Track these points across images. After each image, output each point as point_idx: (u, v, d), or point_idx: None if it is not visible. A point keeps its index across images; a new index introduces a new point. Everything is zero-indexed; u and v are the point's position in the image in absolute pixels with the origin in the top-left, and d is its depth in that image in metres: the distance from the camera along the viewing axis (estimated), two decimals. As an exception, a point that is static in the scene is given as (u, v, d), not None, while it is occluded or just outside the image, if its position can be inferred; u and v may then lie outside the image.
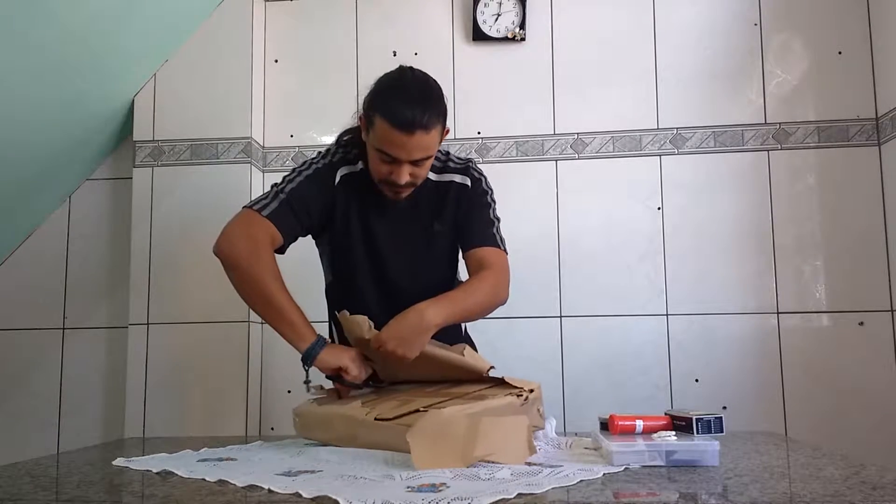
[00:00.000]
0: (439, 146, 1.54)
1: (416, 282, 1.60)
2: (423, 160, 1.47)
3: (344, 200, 1.59)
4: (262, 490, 0.93)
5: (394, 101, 1.43)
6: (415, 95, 1.44)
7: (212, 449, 1.30)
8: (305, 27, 2.57)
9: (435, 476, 0.97)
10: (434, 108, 1.45)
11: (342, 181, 1.59)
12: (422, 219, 1.60)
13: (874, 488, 0.88)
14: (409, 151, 1.43)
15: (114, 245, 2.57)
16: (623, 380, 2.33)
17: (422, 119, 1.41)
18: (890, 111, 2.24)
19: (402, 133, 1.40)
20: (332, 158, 1.61)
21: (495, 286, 1.53)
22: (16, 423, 2.53)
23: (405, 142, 1.41)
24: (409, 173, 1.47)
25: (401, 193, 1.52)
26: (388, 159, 1.45)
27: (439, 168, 1.62)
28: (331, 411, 1.33)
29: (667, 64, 2.42)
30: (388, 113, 1.42)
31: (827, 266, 2.31)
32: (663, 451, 1.06)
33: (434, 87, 1.50)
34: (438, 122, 1.46)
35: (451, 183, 1.61)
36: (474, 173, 1.64)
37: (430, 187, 1.60)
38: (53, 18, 1.94)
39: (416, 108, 1.41)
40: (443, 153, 1.64)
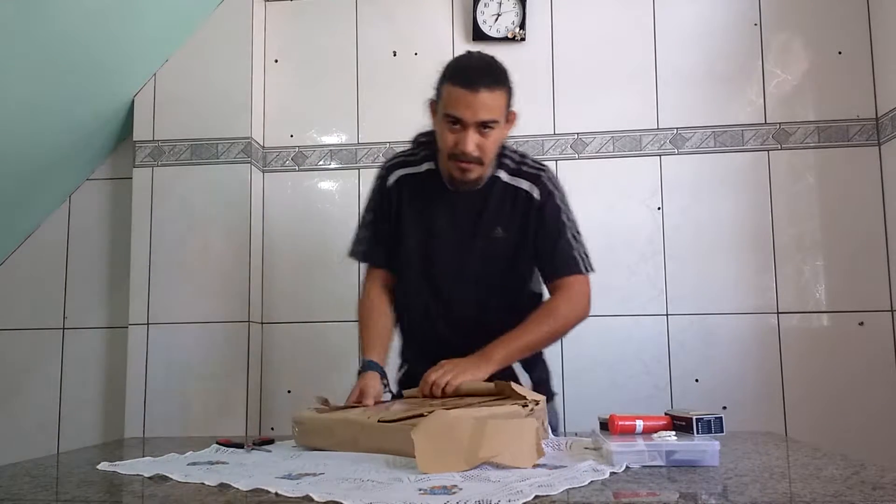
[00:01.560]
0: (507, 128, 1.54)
1: (470, 288, 1.59)
2: (489, 125, 1.46)
3: (398, 201, 1.63)
4: (269, 493, 0.90)
5: (460, 66, 1.51)
6: (479, 63, 1.50)
7: (197, 452, 1.27)
8: (305, 27, 2.57)
9: (444, 478, 0.96)
10: (499, 74, 1.49)
11: (397, 182, 1.64)
12: (483, 222, 1.58)
13: (874, 488, 0.88)
14: (474, 110, 1.44)
15: (114, 245, 2.57)
16: (623, 380, 2.33)
17: (486, 78, 1.45)
18: (890, 111, 2.24)
19: (468, 90, 1.44)
20: (390, 164, 1.68)
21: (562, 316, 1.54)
22: (16, 423, 2.53)
23: (470, 100, 1.44)
24: (475, 143, 1.46)
25: (468, 171, 1.51)
26: (455, 122, 1.47)
27: (513, 170, 1.59)
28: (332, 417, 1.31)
29: (667, 64, 2.42)
30: (454, 75, 1.47)
31: (827, 266, 2.31)
32: (663, 451, 1.06)
33: (499, 63, 1.53)
34: (503, 87, 1.48)
35: (518, 190, 1.58)
36: (547, 185, 1.58)
37: (499, 188, 1.58)
38: (53, 18, 1.94)
39: (481, 69, 1.47)
40: (519, 155, 1.62)
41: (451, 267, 1.59)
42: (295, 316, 2.49)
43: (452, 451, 1.03)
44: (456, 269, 1.59)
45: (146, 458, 1.23)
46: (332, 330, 2.45)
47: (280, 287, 2.50)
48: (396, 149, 2.47)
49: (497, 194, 1.58)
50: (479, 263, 1.58)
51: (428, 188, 1.60)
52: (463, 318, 1.59)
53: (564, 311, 1.55)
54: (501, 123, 1.50)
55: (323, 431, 1.30)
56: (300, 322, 2.48)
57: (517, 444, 1.05)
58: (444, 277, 1.60)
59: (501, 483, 0.92)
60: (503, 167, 1.59)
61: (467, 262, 1.58)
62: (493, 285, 1.59)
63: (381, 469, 1.05)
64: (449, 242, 1.59)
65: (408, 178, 1.64)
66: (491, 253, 1.58)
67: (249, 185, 2.44)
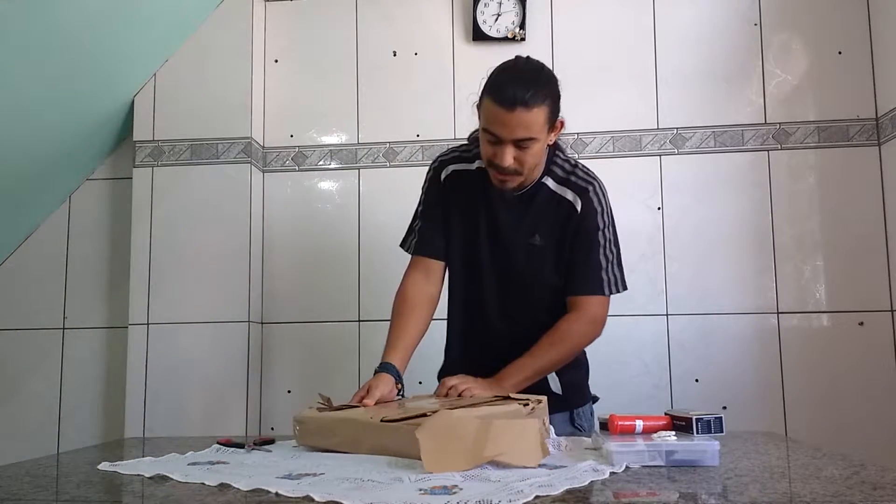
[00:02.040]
0: (551, 137, 1.51)
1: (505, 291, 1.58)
2: (527, 142, 1.44)
3: (449, 197, 1.63)
4: (269, 493, 0.90)
5: (499, 80, 1.45)
6: (520, 75, 1.46)
7: (198, 452, 1.27)
8: (305, 27, 2.57)
9: (444, 478, 0.96)
10: (539, 89, 1.43)
11: (449, 177, 1.64)
12: (522, 228, 1.56)
13: (874, 488, 0.88)
14: (510, 129, 1.42)
15: (114, 245, 2.57)
16: (623, 380, 2.33)
17: (523, 96, 1.40)
18: (890, 111, 2.24)
19: (503, 109, 1.41)
20: (444, 158, 1.67)
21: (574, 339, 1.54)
22: (16, 423, 2.53)
23: (506, 118, 1.41)
24: (513, 157, 1.45)
25: (506, 182, 1.50)
26: (493, 139, 1.45)
27: (561, 178, 1.56)
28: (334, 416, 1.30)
29: (667, 64, 2.42)
30: (493, 90, 1.44)
31: (827, 266, 2.31)
32: (663, 451, 1.06)
33: (545, 73, 1.49)
34: (543, 103, 1.43)
35: (562, 199, 1.55)
36: (592, 199, 1.55)
37: (543, 195, 1.56)
38: (54, 18, 1.94)
39: (519, 85, 1.42)
40: (571, 164, 1.59)
41: (488, 268, 1.59)
42: (295, 316, 2.49)
43: (457, 451, 1.02)
44: (492, 270, 1.58)
45: (147, 458, 1.23)
46: (332, 330, 2.45)
47: (280, 287, 2.50)
48: (396, 149, 2.49)
49: (540, 201, 1.56)
50: (515, 267, 1.57)
51: (476, 186, 1.60)
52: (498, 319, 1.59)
53: (577, 334, 1.54)
54: (542, 138, 1.47)
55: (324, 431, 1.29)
56: (300, 322, 2.48)
57: (521, 443, 1.05)
58: (483, 278, 1.60)
59: (502, 483, 0.92)
60: (551, 174, 1.56)
61: (504, 265, 1.57)
62: (530, 291, 1.58)
63: (381, 469, 1.04)
64: (487, 244, 1.58)
65: (460, 173, 1.63)
66: (529, 259, 1.56)
67: (249, 185, 2.44)
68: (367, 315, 2.45)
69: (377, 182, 2.49)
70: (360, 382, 2.43)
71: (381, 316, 2.44)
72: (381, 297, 2.45)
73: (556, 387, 1.58)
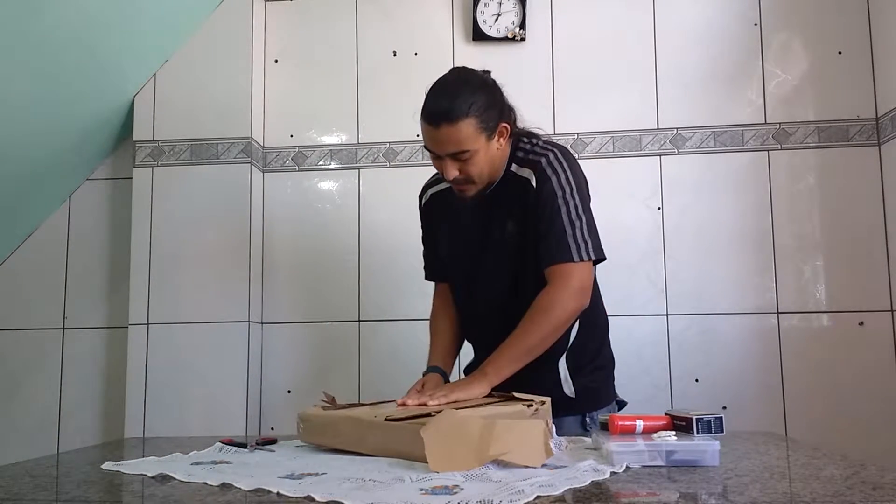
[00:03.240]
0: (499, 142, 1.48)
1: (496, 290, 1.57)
2: (464, 154, 1.43)
3: (432, 217, 1.70)
4: (271, 493, 0.91)
5: (427, 97, 1.45)
6: (444, 89, 1.44)
7: (201, 452, 1.27)
8: (305, 27, 2.57)
9: (446, 478, 0.96)
10: (462, 101, 1.40)
11: (429, 201, 1.70)
12: (495, 221, 1.54)
13: (874, 488, 0.88)
14: (441, 144, 1.43)
15: (114, 245, 2.57)
16: (623, 380, 2.32)
17: (446, 111, 1.39)
18: (890, 111, 2.24)
19: (430, 126, 1.43)
20: (427, 183, 1.72)
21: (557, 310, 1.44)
22: (16, 423, 2.53)
23: (434, 135, 1.43)
24: (456, 169, 1.45)
25: (464, 192, 1.52)
26: (433, 155, 1.48)
27: (520, 159, 1.53)
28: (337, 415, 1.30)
29: (667, 64, 2.42)
30: (423, 107, 1.45)
31: (827, 266, 2.31)
32: (663, 451, 1.06)
33: (472, 83, 1.45)
34: (468, 115, 1.40)
35: (522, 179, 1.52)
36: (545, 169, 1.49)
37: (510, 181, 1.53)
38: (54, 19, 1.94)
39: (443, 100, 1.41)
40: (531, 142, 1.54)
41: (477, 271, 1.59)
42: (295, 316, 2.49)
43: (462, 450, 1.03)
44: (480, 272, 1.59)
45: (150, 457, 1.24)
46: (332, 330, 2.45)
47: (280, 287, 2.50)
48: (396, 149, 2.49)
49: (506, 189, 1.54)
50: (500, 263, 1.55)
51: (453, 201, 1.60)
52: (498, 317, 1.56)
53: (555, 304, 1.44)
54: (480, 146, 1.43)
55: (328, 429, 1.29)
56: (300, 322, 2.48)
57: (526, 443, 1.05)
58: (473, 283, 1.61)
59: (503, 483, 0.92)
60: (514, 159, 1.54)
61: (489, 264, 1.57)
62: (520, 282, 1.54)
63: (383, 469, 1.04)
64: (471, 249, 1.59)
65: (437, 195, 1.68)
66: (506, 251, 1.54)
67: (249, 185, 2.44)
68: (367, 315, 2.45)
69: (377, 182, 2.49)
70: (360, 382, 2.44)
71: (381, 316, 2.45)
72: (381, 297, 2.47)
73: (570, 390, 1.55)
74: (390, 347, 2.41)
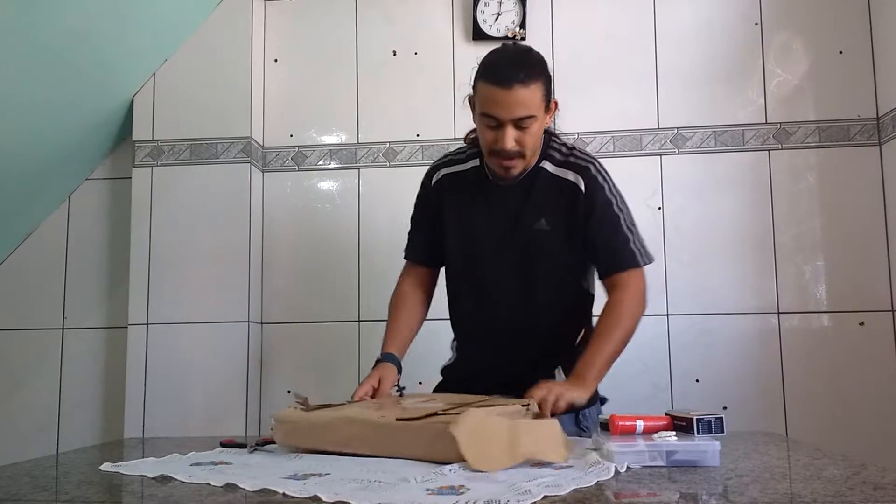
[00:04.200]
0: (548, 118, 1.51)
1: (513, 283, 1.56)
2: (527, 121, 1.44)
3: (440, 200, 1.64)
4: (276, 494, 0.90)
5: (493, 62, 1.47)
6: (512, 56, 1.47)
7: (200, 453, 1.26)
8: (305, 27, 2.57)
9: (451, 478, 0.96)
10: (534, 67, 1.45)
11: (439, 181, 1.66)
12: (525, 214, 1.54)
13: (875, 488, 0.88)
14: (509, 108, 1.42)
15: (114, 245, 2.56)
16: (623, 380, 2.32)
17: (519, 73, 1.41)
18: (891, 111, 2.24)
19: (501, 88, 1.41)
20: (437, 164, 1.69)
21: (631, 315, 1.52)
22: (16, 423, 2.53)
23: (504, 97, 1.41)
24: (514, 139, 1.44)
25: (511, 168, 1.49)
26: (493, 123, 1.45)
27: (560, 161, 1.56)
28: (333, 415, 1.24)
29: (667, 64, 2.42)
30: (487, 72, 1.45)
31: (827, 266, 2.30)
32: (664, 451, 1.06)
33: (535, 54, 1.50)
34: (539, 80, 1.44)
35: (564, 181, 1.54)
36: (596, 176, 1.54)
37: (543, 179, 1.54)
38: (53, 18, 1.94)
39: (513, 64, 1.44)
40: (567, 147, 1.59)
41: (493, 261, 1.57)
42: (295, 316, 2.49)
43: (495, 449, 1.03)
44: (497, 263, 1.57)
45: (149, 458, 1.23)
46: (332, 330, 2.45)
47: (280, 287, 2.50)
48: (396, 149, 2.49)
49: (541, 186, 1.54)
50: (521, 257, 1.55)
51: (470, 184, 1.60)
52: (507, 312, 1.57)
53: (632, 309, 1.52)
54: (540, 116, 1.47)
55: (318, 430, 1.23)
56: (300, 322, 2.48)
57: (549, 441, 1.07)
58: (487, 273, 1.58)
59: (508, 483, 0.92)
60: (549, 158, 1.56)
61: (508, 256, 1.56)
62: (538, 279, 1.56)
63: (386, 470, 1.04)
64: (490, 237, 1.57)
65: (451, 176, 1.64)
66: (535, 246, 1.54)
67: (249, 185, 2.43)
68: (367, 315, 2.44)
69: (377, 182, 2.49)
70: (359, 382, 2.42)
71: (381, 316, 2.42)
72: (381, 296, 2.44)
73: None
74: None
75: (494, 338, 1.58)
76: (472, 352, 1.66)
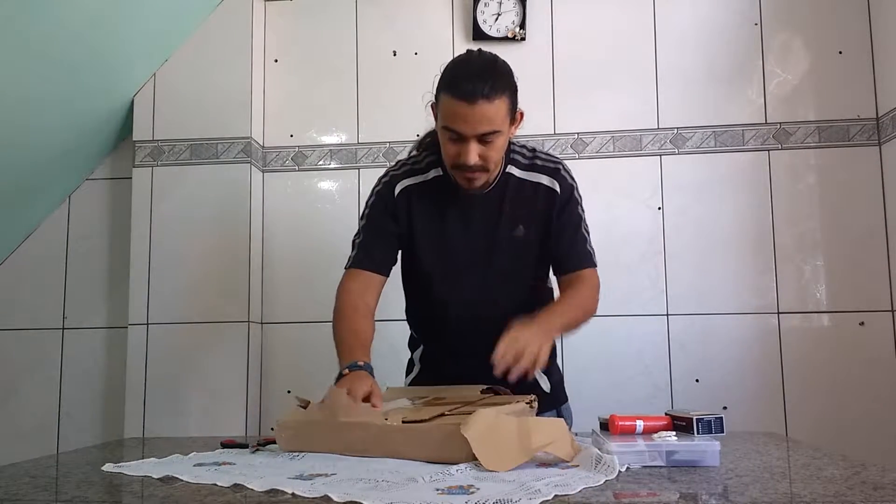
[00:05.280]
0: (513, 130, 1.49)
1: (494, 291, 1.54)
2: (491, 136, 1.40)
3: (406, 213, 1.57)
4: (286, 494, 0.89)
5: (456, 74, 1.43)
6: (476, 68, 1.43)
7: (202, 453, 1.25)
8: (305, 27, 2.57)
9: (460, 478, 0.96)
10: (498, 80, 1.41)
11: (404, 194, 1.58)
12: (503, 222, 1.53)
13: (875, 488, 0.88)
14: (472, 124, 1.39)
15: (114, 245, 2.57)
16: (623, 380, 2.33)
17: (483, 88, 1.37)
18: (890, 111, 2.24)
19: (464, 103, 1.37)
20: (395, 172, 1.61)
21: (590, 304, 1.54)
22: (15, 423, 2.53)
23: (468, 112, 1.38)
24: (477, 154, 1.41)
25: (474, 180, 1.46)
26: (455, 136, 1.41)
27: (525, 165, 1.55)
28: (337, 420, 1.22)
29: (667, 64, 2.42)
30: (451, 85, 1.41)
31: (827, 266, 2.30)
32: (664, 451, 1.06)
33: (500, 64, 1.47)
34: (503, 94, 1.40)
35: (538, 185, 1.53)
36: (566, 177, 1.55)
37: (513, 185, 1.53)
38: (53, 18, 1.94)
39: (477, 78, 1.39)
40: (529, 150, 1.58)
41: (474, 272, 1.55)
42: (295, 316, 2.49)
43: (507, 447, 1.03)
44: (478, 273, 1.55)
45: (151, 458, 1.23)
46: (332, 330, 2.45)
47: (280, 287, 2.50)
48: (396, 149, 2.49)
49: (512, 192, 1.54)
50: (503, 266, 1.54)
51: (437, 196, 1.56)
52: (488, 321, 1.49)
53: (589, 299, 1.54)
54: (505, 131, 1.44)
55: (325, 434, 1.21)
56: (300, 322, 2.48)
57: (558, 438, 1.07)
58: (467, 283, 1.55)
59: (518, 482, 0.92)
60: (514, 163, 1.55)
61: (491, 267, 1.54)
62: (520, 285, 1.56)
63: (392, 470, 1.03)
64: (469, 249, 1.55)
65: (414, 188, 1.58)
66: (515, 254, 1.54)
67: (249, 185, 2.43)
68: (367, 315, 2.44)
69: (377, 182, 2.49)
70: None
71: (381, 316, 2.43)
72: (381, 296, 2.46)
73: (546, 385, 1.58)
74: (390, 347, 2.41)
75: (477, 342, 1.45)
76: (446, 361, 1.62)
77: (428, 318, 1.66)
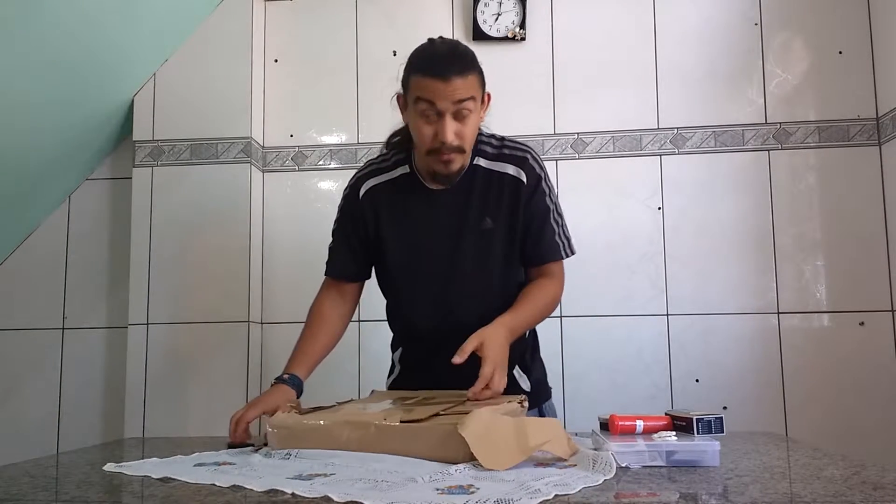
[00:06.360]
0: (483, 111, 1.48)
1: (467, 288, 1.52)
2: (468, 104, 1.40)
3: (374, 214, 1.56)
4: (285, 494, 0.89)
5: (426, 57, 1.45)
6: (445, 50, 1.45)
7: (203, 453, 1.26)
8: (305, 27, 2.57)
9: (460, 478, 0.96)
10: (467, 59, 1.43)
11: (368, 194, 1.57)
12: (470, 216, 1.51)
13: (875, 488, 0.88)
14: (449, 96, 1.39)
15: (114, 245, 2.57)
16: (623, 380, 2.33)
17: (455, 64, 1.40)
18: (890, 111, 2.24)
19: (439, 79, 1.38)
20: (360, 174, 1.61)
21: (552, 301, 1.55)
22: (16, 422, 2.53)
23: (443, 87, 1.38)
24: (454, 131, 1.41)
25: (451, 162, 1.44)
26: (431, 112, 1.41)
27: (493, 155, 1.53)
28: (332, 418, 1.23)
29: (667, 64, 2.42)
30: (423, 66, 1.42)
31: (827, 266, 2.31)
32: (664, 451, 1.06)
33: (464, 47, 1.48)
34: (474, 71, 1.43)
35: (504, 175, 1.51)
36: (534, 167, 1.52)
37: (481, 177, 1.51)
38: (53, 18, 1.94)
39: (448, 57, 1.42)
40: (497, 139, 1.56)
41: (443, 269, 1.52)
42: (295, 316, 2.48)
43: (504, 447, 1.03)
44: (448, 270, 1.52)
45: (152, 458, 1.22)
46: (332, 330, 2.45)
47: (280, 287, 2.50)
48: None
49: (480, 184, 1.52)
50: (472, 261, 1.52)
51: (404, 193, 1.54)
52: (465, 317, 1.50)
53: (551, 293, 1.55)
54: (477, 108, 1.44)
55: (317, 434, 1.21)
56: (300, 322, 2.47)
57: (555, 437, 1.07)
58: (438, 281, 1.53)
59: (517, 482, 0.92)
60: (481, 154, 1.53)
61: (459, 262, 1.52)
62: (492, 279, 1.53)
63: (390, 470, 1.03)
64: (437, 244, 1.53)
65: (380, 186, 1.57)
66: (484, 247, 1.52)
67: (249, 185, 2.43)
68: (367, 315, 2.44)
69: (377, 182, 2.49)
70: (360, 382, 2.43)
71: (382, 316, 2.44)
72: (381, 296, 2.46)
73: (526, 385, 1.58)
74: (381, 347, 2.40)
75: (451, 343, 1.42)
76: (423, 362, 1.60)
77: (400, 319, 1.66)
